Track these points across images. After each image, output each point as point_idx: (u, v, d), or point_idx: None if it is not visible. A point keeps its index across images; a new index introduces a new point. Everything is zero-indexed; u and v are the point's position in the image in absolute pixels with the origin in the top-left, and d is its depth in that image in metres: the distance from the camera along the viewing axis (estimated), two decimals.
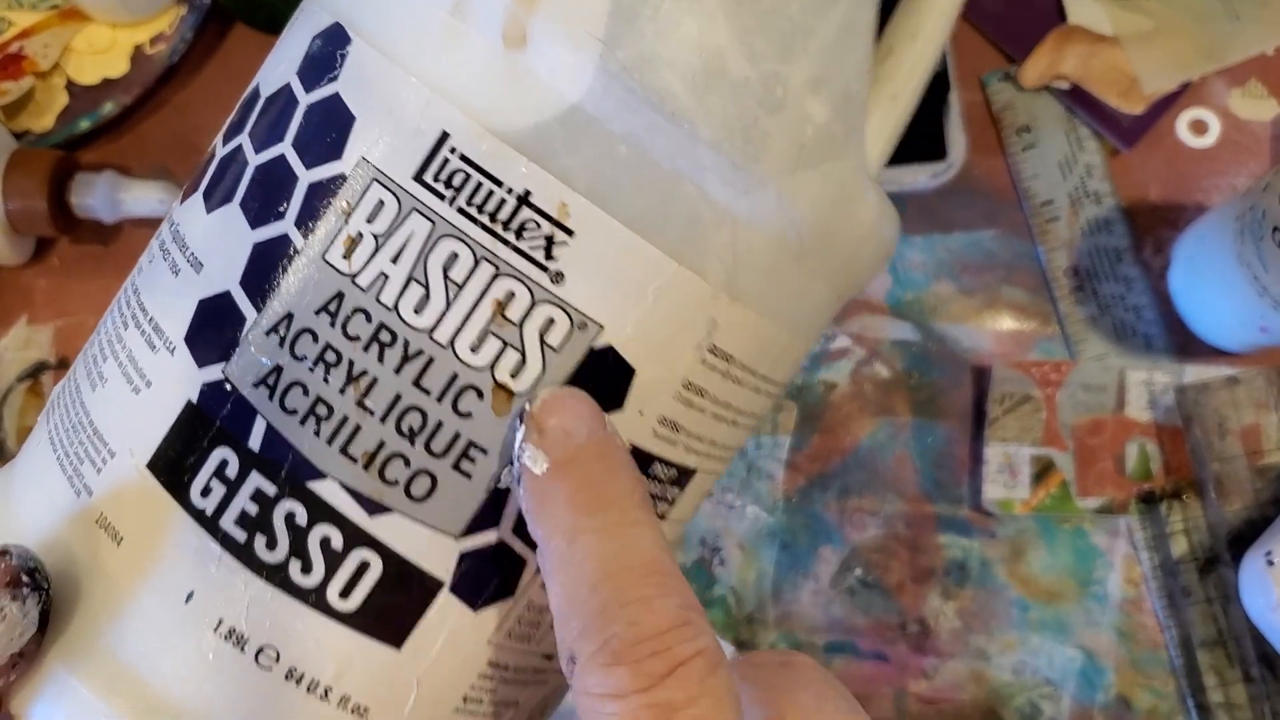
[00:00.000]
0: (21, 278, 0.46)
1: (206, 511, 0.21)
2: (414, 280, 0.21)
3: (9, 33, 0.46)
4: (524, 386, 0.21)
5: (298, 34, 0.24)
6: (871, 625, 0.43)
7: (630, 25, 0.21)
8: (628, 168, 0.21)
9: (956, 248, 0.46)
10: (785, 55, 0.22)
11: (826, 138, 0.23)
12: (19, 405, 0.45)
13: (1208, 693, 0.41)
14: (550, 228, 0.21)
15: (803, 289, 0.24)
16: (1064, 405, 0.43)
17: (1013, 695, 0.42)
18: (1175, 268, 0.44)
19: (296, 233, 0.21)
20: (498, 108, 0.21)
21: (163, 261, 0.24)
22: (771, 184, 0.22)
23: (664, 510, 0.24)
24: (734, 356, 0.23)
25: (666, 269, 0.21)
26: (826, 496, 0.44)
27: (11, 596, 0.21)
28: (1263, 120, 0.46)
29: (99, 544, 0.22)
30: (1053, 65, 0.46)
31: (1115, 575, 0.43)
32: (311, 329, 0.21)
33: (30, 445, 0.26)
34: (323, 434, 0.21)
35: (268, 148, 0.22)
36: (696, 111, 0.21)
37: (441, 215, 0.21)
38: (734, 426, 0.25)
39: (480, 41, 0.21)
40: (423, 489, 0.21)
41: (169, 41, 0.46)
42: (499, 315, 0.21)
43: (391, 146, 0.21)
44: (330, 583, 0.21)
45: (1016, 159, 0.46)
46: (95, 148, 0.47)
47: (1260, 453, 0.41)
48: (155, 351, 0.23)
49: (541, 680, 0.25)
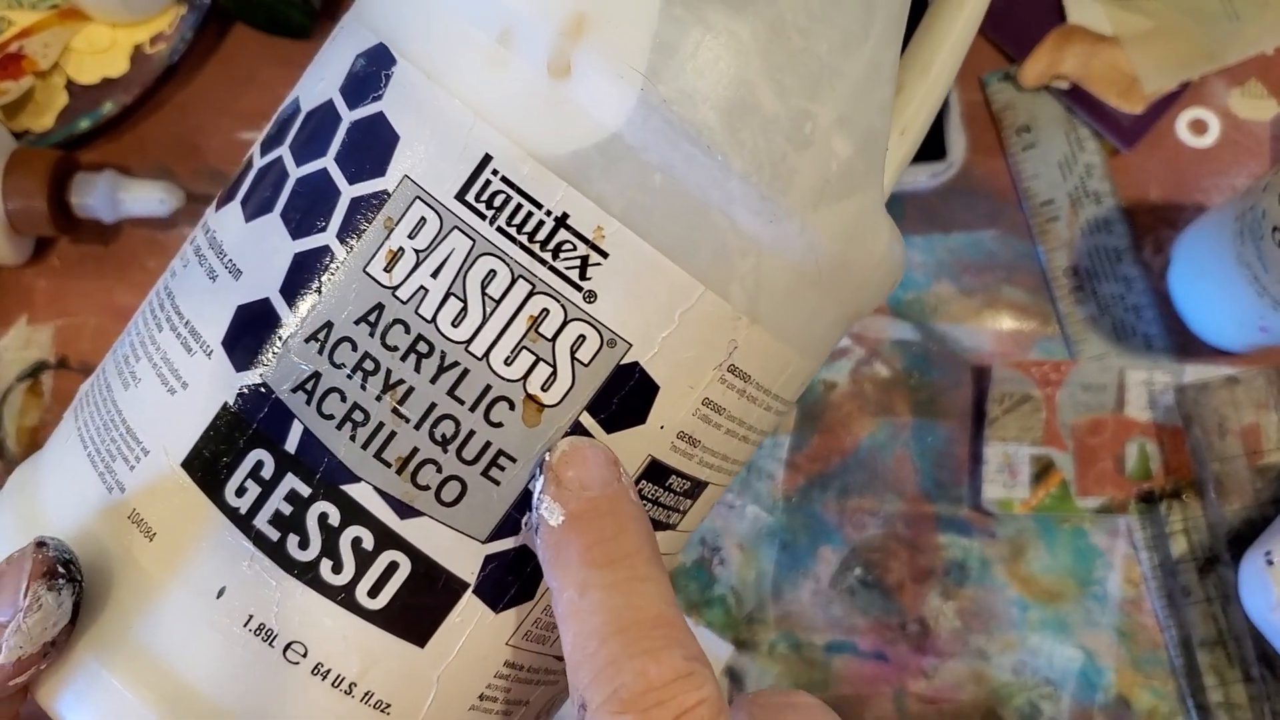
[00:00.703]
0: (21, 277, 0.46)
1: (240, 510, 0.22)
2: (453, 295, 0.22)
3: (9, 32, 0.46)
4: (554, 399, 0.22)
5: (339, 51, 0.24)
6: (871, 625, 0.43)
7: (671, 60, 0.22)
8: (662, 195, 0.22)
9: (956, 248, 0.46)
10: (814, 94, 0.23)
11: (849, 173, 0.24)
12: (19, 405, 0.45)
13: (1207, 692, 0.41)
14: (586, 249, 0.22)
15: (817, 313, 0.25)
16: (1064, 405, 0.43)
17: (1012, 695, 0.42)
18: (1175, 268, 0.44)
19: (339, 244, 0.22)
20: (540, 133, 0.22)
21: (198, 266, 0.24)
22: (796, 215, 0.23)
23: (675, 520, 0.25)
24: (751, 376, 0.24)
25: (694, 292, 0.22)
26: (826, 496, 0.44)
27: (48, 587, 0.21)
28: (1262, 120, 0.46)
29: (131, 539, 0.23)
30: (1053, 65, 0.46)
31: (1115, 575, 0.43)
32: (351, 338, 0.22)
33: (56, 441, 0.27)
34: (358, 439, 0.22)
35: (309, 161, 0.23)
36: (729, 145, 0.22)
37: (481, 234, 0.22)
38: (744, 442, 0.26)
39: (525, 70, 0.22)
40: (453, 494, 0.22)
41: (169, 41, 0.46)
42: (533, 331, 0.22)
43: (435, 166, 0.22)
44: (360, 582, 0.22)
45: (1016, 159, 0.46)
46: (95, 147, 0.47)
47: (1260, 452, 0.41)
48: (191, 354, 0.23)
49: (552, 680, 0.25)
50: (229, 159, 0.47)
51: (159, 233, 0.46)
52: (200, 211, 0.46)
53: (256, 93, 0.48)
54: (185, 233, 0.46)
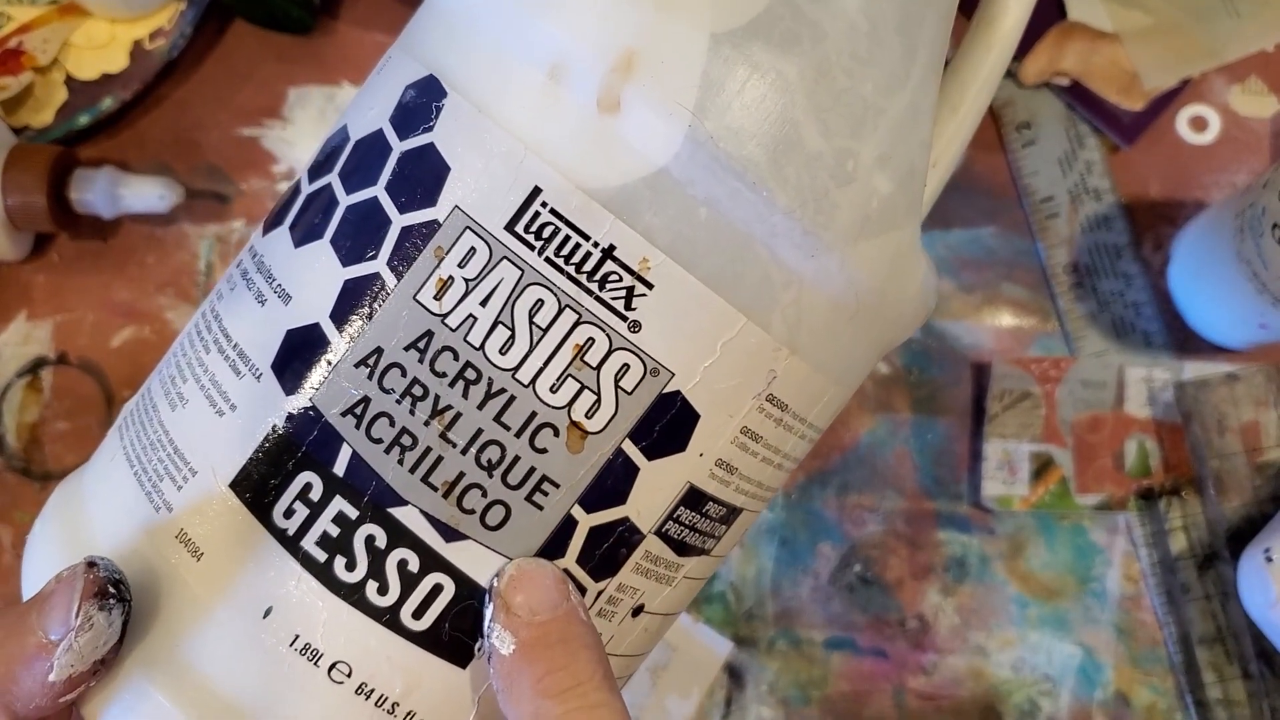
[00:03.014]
0: (21, 273, 0.46)
1: (288, 532, 0.22)
2: (501, 323, 0.22)
3: (8, 28, 0.46)
4: (598, 426, 0.23)
5: (388, 81, 0.25)
6: (871, 622, 0.43)
7: (718, 98, 0.22)
8: (707, 229, 0.22)
9: (956, 244, 0.46)
10: (857, 132, 0.23)
11: (890, 209, 0.24)
12: (18, 401, 0.45)
13: (1206, 689, 0.41)
14: (631, 280, 0.22)
15: (853, 345, 0.26)
16: (1063, 402, 0.43)
17: (1011, 692, 0.43)
18: (1175, 264, 0.44)
19: (389, 272, 0.23)
20: (588, 167, 0.22)
21: (246, 290, 0.25)
22: (837, 250, 0.24)
23: (710, 545, 0.26)
24: (789, 405, 0.25)
25: (736, 323, 0.23)
26: (826, 493, 0.44)
27: (99, 606, 0.21)
28: (1262, 117, 0.46)
29: (179, 558, 0.23)
30: (1053, 62, 0.46)
31: (1114, 572, 0.43)
32: (400, 364, 0.22)
33: (101, 459, 0.27)
34: (406, 463, 0.22)
35: (359, 190, 0.24)
36: (774, 181, 0.22)
37: (530, 264, 0.22)
38: (779, 470, 0.26)
39: (575, 105, 0.22)
40: (497, 518, 0.22)
41: (168, 37, 0.46)
42: (579, 359, 0.22)
43: (485, 197, 0.22)
44: (405, 603, 0.22)
45: (1016, 156, 0.46)
46: (94, 143, 0.47)
47: (1259, 449, 0.41)
48: (240, 377, 0.24)
49: None
50: (228, 155, 0.47)
51: (158, 228, 0.46)
52: (199, 207, 0.46)
53: (255, 89, 0.48)
54: (184, 228, 0.46)
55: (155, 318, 0.46)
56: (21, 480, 0.44)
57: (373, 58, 0.48)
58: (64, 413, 0.45)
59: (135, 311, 0.46)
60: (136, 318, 0.46)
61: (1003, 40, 0.29)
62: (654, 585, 0.25)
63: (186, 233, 0.46)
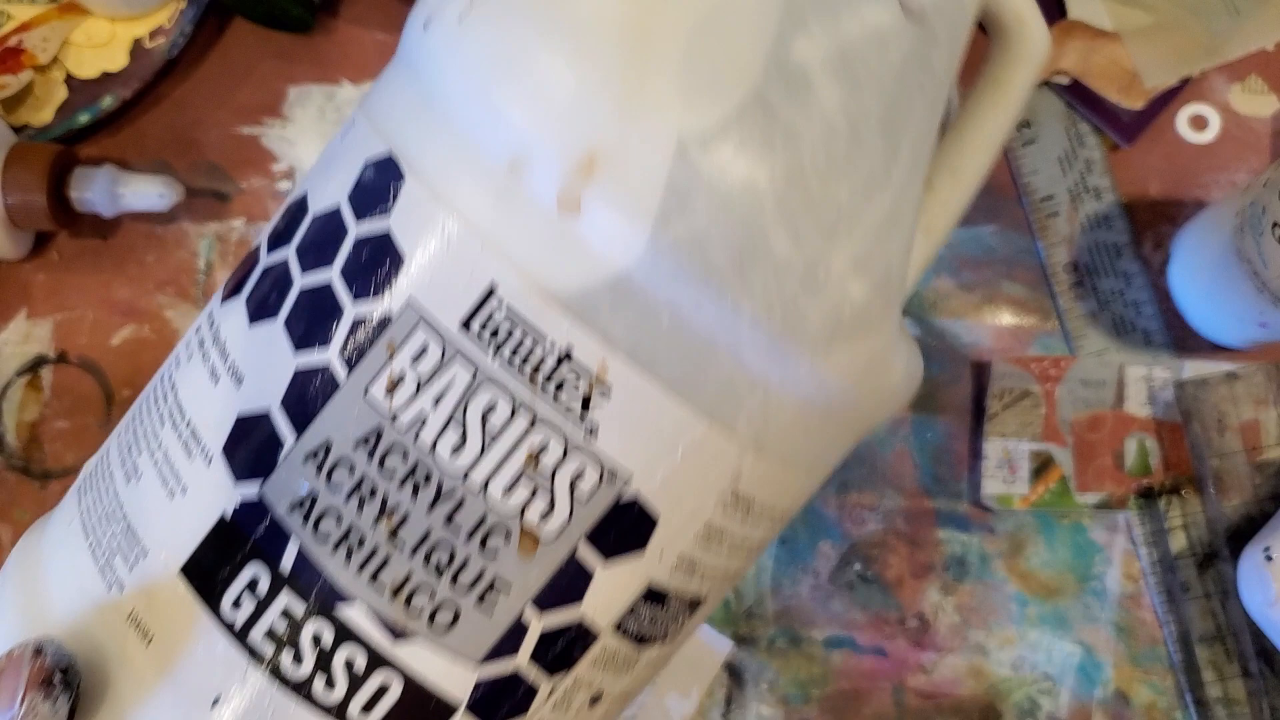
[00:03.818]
0: (20, 272, 0.46)
1: (236, 625, 0.22)
2: (453, 424, 0.21)
3: (8, 26, 0.46)
4: (552, 531, 0.22)
5: (349, 153, 0.24)
6: (870, 620, 0.43)
7: (683, 203, 0.21)
8: (669, 334, 0.22)
9: (956, 243, 0.46)
10: (830, 238, 0.22)
11: (863, 314, 0.23)
12: (18, 400, 0.45)
13: (1206, 688, 0.41)
14: (588, 385, 0.21)
15: (825, 440, 0.25)
16: (1063, 401, 0.43)
17: (1011, 690, 0.43)
18: (1175, 263, 0.44)
19: (340, 364, 0.22)
20: (547, 266, 0.21)
21: (202, 364, 0.24)
22: (806, 356, 0.23)
23: (672, 632, 0.25)
24: (755, 500, 0.24)
25: (698, 427, 0.22)
26: (825, 491, 0.44)
27: (44, 695, 0.21)
28: (1263, 116, 0.46)
29: (128, 641, 0.23)
30: (1053, 60, 0.46)
31: (1114, 570, 0.43)
32: (350, 460, 0.22)
33: (60, 517, 0.27)
34: (353, 562, 0.22)
35: (314, 270, 0.23)
36: (739, 289, 0.22)
37: (483, 365, 0.21)
38: (748, 556, 0.26)
39: (535, 201, 0.21)
40: (446, 619, 0.22)
41: (168, 35, 0.46)
42: (532, 463, 0.22)
43: (440, 292, 0.22)
44: (352, 701, 0.22)
45: (1016, 154, 0.46)
46: (94, 142, 0.47)
47: (1259, 448, 0.41)
48: (191, 458, 0.23)
49: None
50: (227, 153, 0.47)
51: (158, 227, 0.46)
52: (199, 206, 0.46)
53: (255, 87, 0.48)
54: (184, 226, 0.46)
55: (155, 316, 0.46)
56: (21, 479, 0.44)
57: (373, 56, 0.48)
58: (64, 411, 0.45)
59: (135, 310, 0.46)
60: (136, 316, 0.46)
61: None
62: (612, 676, 0.24)
63: (186, 231, 0.46)
